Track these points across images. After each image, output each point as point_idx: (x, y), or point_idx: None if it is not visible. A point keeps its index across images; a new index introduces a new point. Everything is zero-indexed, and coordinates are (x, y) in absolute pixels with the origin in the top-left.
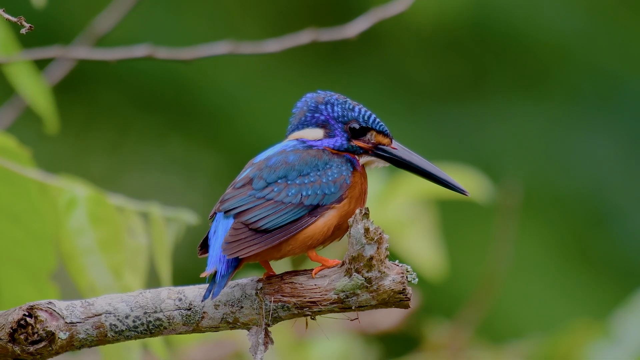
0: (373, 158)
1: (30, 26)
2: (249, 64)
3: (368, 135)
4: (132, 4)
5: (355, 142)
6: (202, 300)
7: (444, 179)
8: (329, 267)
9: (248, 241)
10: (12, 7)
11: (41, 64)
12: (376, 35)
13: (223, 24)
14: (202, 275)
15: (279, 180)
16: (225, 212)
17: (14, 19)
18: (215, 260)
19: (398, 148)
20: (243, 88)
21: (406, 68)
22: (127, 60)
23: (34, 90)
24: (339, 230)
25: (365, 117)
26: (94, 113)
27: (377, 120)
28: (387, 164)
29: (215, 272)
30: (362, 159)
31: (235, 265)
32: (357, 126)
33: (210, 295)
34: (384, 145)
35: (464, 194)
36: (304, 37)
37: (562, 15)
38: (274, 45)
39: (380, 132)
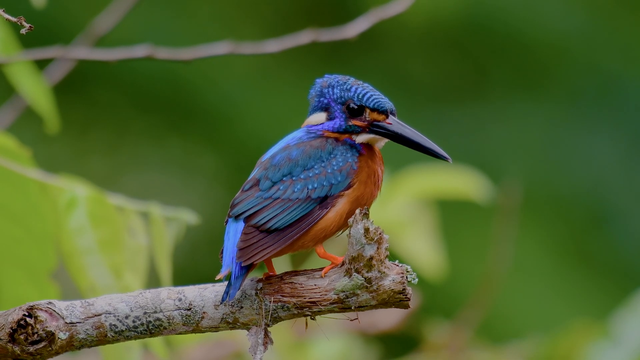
0: (371, 135)
1: (30, 26)
2: (248, 65)
3: (365, 114)
4: (132, 4)
5: (353, 122)
6: (221, 303)
7: (429, 147)
8: (337, 265)
9: (260, 245)
10: (12, 7)
11: (41, 64)
12: (376, 36)
13: (222, 24)
14: (217, 277)
15: (284, 178)
16: (236, 216)
17: (14, 19)
18: (228, 261)
19: (393, 123)
20: (242, 89)
21: (406, 68)
22: (126, 60)
23: (35, 90)
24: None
25: (360, 96)
26: (93, 113)
27: (372, 97)
28: (386, 140)
29: (230, 274)
30: (361, 137)
31: (248, 266)
32: (354, 106)
33: (227, 297)
34: (379, 121)
35: (447, 160)
36: (304, 37)
37: (561, 14)
38: (273, 46)
39: (375, 109)
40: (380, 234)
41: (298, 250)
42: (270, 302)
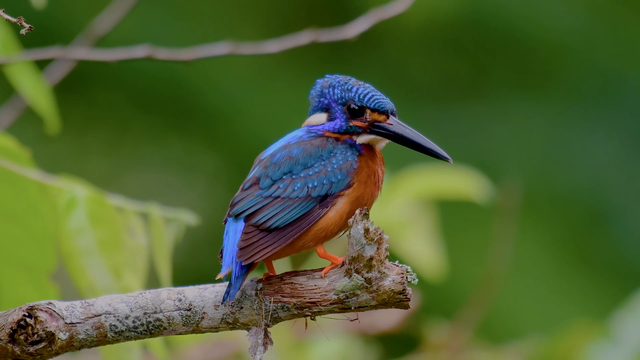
0: (372, 136)
1: (30, 26)
2: (248, 65)
3: (365, 114)
4: (132, 4)
5: (353, 122)
6: (222, 303)
7: (429, 147)
8: (337, 266)
9: (261, 244)
10: (12, 7)
11: (41, 65)
12: (376, 36)
13: (223, 24)
14: (218, 277)
15: (285, 177)
16: (236, 215)
17: (14, 20)
18: (228, 261)
19: (393, 123)
20: (242, 89)
21: (406, 68)
22: (126, 60)
23: (35, 90)
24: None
25: (361, 97)
26: (93, 113)
27: (373, 98)
28: (387, 140)
29: (231, 274)
30: (362, 138)
31: (248, 265)
32: (354, 106)
33: (228, 297)
34: (380, 122)
35: (448, 161)
36: (304, 37)
37: (562, 13)
38: (273, 46)
39: (375, 109)
40: (380, 234)
41: (299, 251)
42: (270, 302)
